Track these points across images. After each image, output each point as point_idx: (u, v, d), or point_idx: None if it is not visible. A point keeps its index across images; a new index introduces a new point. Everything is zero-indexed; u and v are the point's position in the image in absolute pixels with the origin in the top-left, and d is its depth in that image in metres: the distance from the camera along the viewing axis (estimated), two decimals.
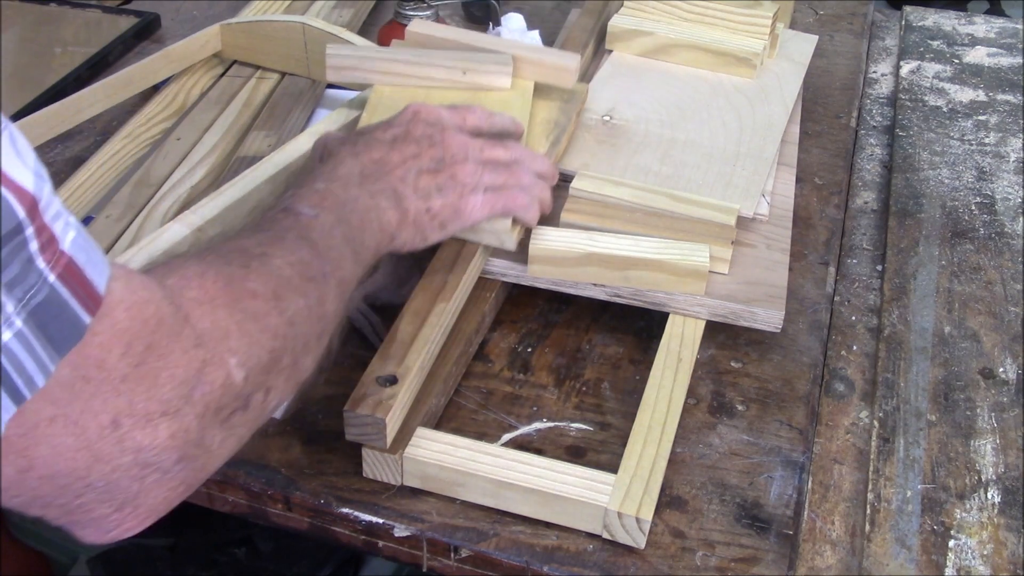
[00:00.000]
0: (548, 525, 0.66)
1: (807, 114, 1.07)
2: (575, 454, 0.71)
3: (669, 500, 0.68)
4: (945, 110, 1.12)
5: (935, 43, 1.25)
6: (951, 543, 0.68)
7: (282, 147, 0.85)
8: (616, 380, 0.78)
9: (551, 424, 0.74)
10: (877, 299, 0.88)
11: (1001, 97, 1.15)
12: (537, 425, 0.74)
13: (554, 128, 0.87)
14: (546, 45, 1.08)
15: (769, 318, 0.78)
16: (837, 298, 0.88)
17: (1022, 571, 0.67)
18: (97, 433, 0.46)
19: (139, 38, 1.19)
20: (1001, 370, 0.81)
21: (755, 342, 0.81)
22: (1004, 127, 1.10)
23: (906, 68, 1.20)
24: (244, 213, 0.80)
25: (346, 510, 0.67)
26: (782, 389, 0.77)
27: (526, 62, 0.89)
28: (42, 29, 1.19)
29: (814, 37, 1.12)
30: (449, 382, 0.74)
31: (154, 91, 1.04)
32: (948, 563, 0.67)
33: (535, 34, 1.12)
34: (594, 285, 0.79)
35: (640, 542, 0.65)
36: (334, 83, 0.96)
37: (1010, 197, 1.00)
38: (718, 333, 0.81)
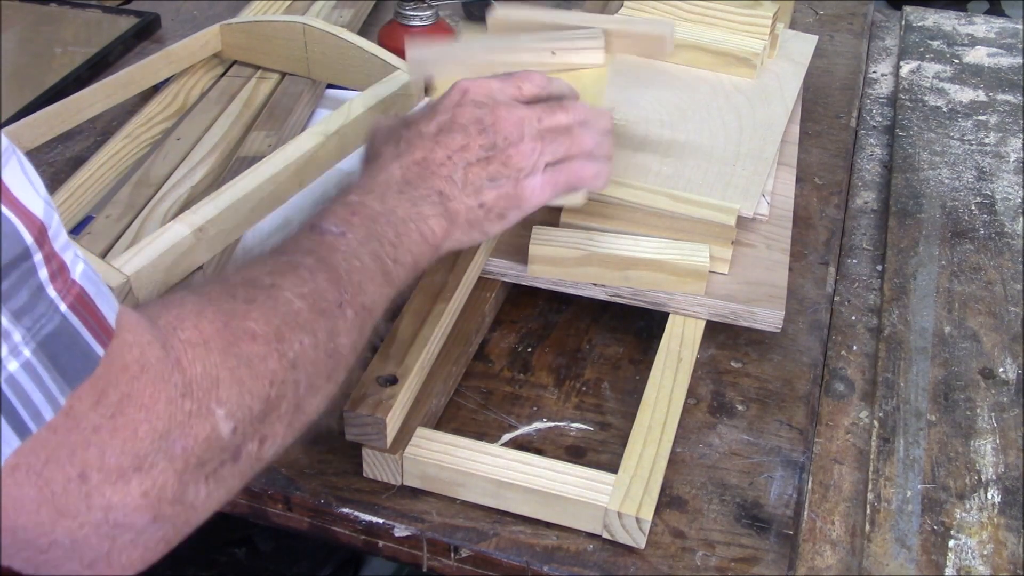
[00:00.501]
0: (548, 525, 0.66)
1: (807, 114, 1.07)
2: (575, 454, 0.71)
3: (669, 500, 0.68)
4: (945, 110, 1.12)
5: (935, 43, 1.25)
6: (951, 543, 0.68)
7: (282, 147, 0.85)
8: (616, 380, 0.78)
9: (551, 424, 0.74)
10: (877, 299, 0.88)
11: (1001, 97, 1.15)
12: (537, 425, 0.74)
13: None
14: None
15: (769, 318, 0.78)
16: (837, 298, 0.88)
17: (1022, 571, 0.67)
18: (62, 487, 0.42)
19: (139, 38, 1.19)
20: (1001, 370, 0.81)
21: (755, 342, 0.81)
22: (1004, 127, 1.10)
23: (906, 68, 1.20)
24: (244, 213, 0.80)
25: (346, 510, 0.67)
26: (782, 389, 0.77)
27: (618, 35, 0.82)
28: (42, 29, 1.19)
29: (814, 37, 1.12)
30: (449, 382, 0.74)
31: (154, 91, 1.04)
32: (948, 563, 0.67)
33: None
34: (594, 285, 0.79)
35: (640, 542, 0.65)
36: (338, 86, 0.95)
37: (1010, 197, 1.00)
38: (718, 333, 0.81)
